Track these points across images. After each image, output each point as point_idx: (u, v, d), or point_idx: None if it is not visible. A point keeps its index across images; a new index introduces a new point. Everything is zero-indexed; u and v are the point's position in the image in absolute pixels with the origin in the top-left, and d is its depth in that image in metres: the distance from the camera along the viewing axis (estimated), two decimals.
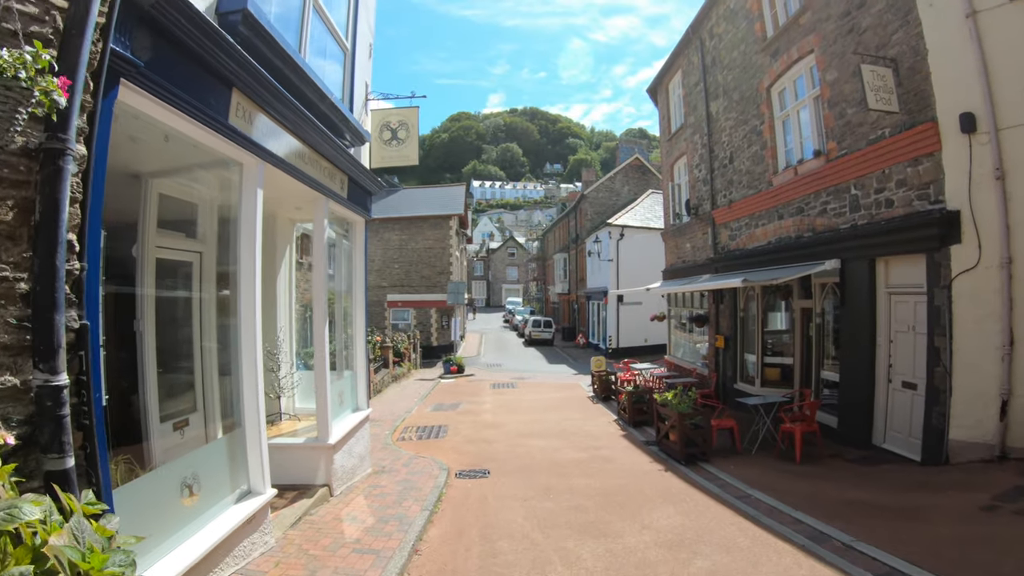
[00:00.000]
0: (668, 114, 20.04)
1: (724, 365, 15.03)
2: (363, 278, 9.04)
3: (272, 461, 7.25)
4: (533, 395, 17.96)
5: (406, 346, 24.91)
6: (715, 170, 15.65)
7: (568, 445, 10.69)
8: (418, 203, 36.84)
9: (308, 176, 6.61)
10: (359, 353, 8.92)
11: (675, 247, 19.27)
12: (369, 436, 8.92)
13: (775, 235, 12.51)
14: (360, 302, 8.99)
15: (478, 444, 11.00)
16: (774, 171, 12.59)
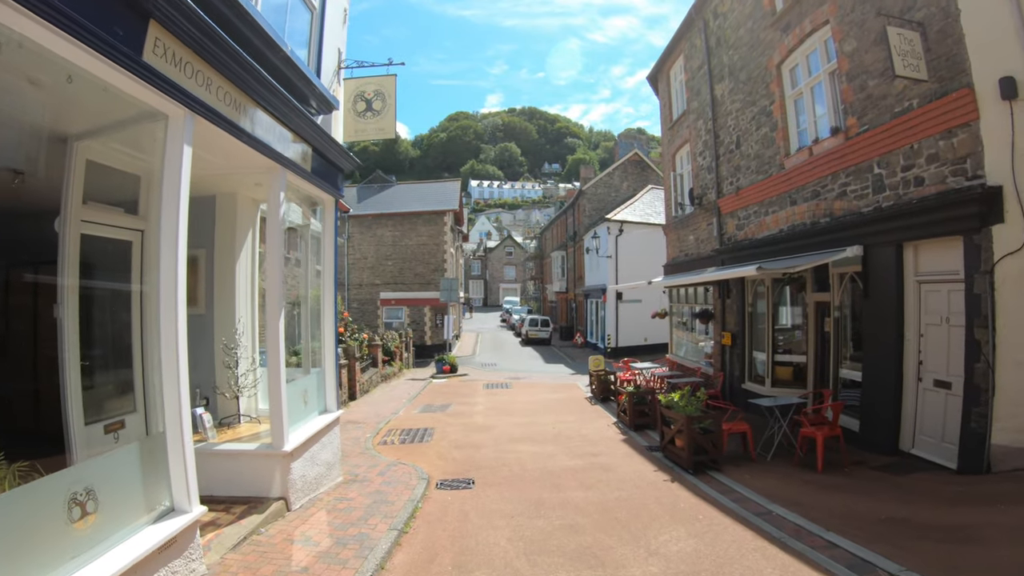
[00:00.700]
0: (669, 102, 19.17)
1: (731, 364, 14.10)
2: (333, 265, 8.12)
3: (220, 470, 6.33)
4: (528, 396, 17.02)
5: (397, 344, 23.95)
6: (720, 156, 14.75)
7: (563, 451, 9.75)
8: (412, 199, 35.92)
9: (258, 140, 5.68)
10: (328, 349, 7.99)
11: (677, 240, 18.36)
12: (339, 441, 7.98)
13: (788, 222, 11.60)
14: (329, 291, 8.06)
15: (465, 449, 10.06)
16: (786, 153, 11.70)
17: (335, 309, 8.08)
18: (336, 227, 8.25)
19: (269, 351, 6.27)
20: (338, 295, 25.34)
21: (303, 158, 6.84)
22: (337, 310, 8.24)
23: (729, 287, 14.22)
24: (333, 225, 8.11)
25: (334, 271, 8.10)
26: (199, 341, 7.81)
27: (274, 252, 6.33)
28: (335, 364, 7.98)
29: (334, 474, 7.71)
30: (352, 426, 12.56)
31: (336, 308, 8.16)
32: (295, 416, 6.87)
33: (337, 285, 8.37)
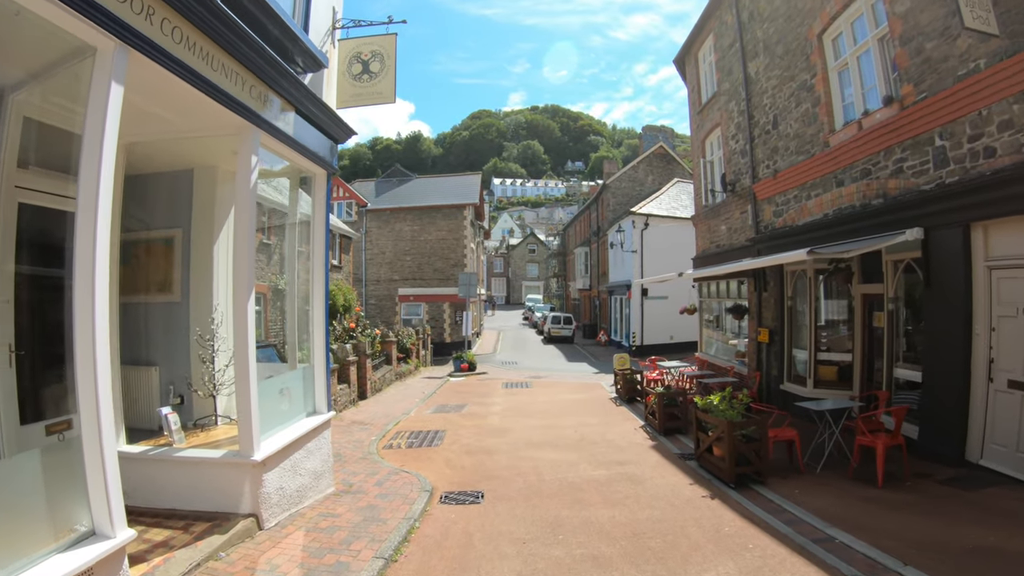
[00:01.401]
0: (698, 85, 18.02)
1: (768, 363, 12.92)
2: (324, 248, 7.20)
3: (183, 481, 5.40)
4: (548, 396, 15.98)
5: (413, 341, 23.07)
6: (755, 138, 13.58)
7: (585, 459, 8.71)
8: (431, 193, 35.07)
9: (220, 90, 4.76)
10: (317, 342, 7.06)
11: (708, 231, 17.17)
12: (330, 447, 7.04)
13: (834, 206, 10.43)
14: (320, 279, 7.14)
15: (477, 456, 9.07)
16: (830, 130, 10.54)
17: (326, 298, 7.15)
18: (328, 204, 7.31)
19: (236, 342, 5.35)
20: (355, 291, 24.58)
21: (283, 120, 5.91)
22: (329, 299, 7.31)
23: (766, 279, 13.06)
24: (324, 202, 7.18)
25: (325, 255, 7.17)
26: (173, 332, 6.96)
27: (243, 224, 5.40)
28: (326, 360, 7.05)
29: (323, 484, 6.77)
30: (357, 427, 11.66)
31: (327, 297, 7.23)
32: (272, 419, 5.95)
33: (329, 270, 7.44)
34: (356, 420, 12.52)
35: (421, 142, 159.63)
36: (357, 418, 12.79)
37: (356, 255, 32.15)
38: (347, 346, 14.60)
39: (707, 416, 7.79)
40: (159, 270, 7.27)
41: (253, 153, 5.50)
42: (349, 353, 14.46)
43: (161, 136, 5.84)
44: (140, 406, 6.68)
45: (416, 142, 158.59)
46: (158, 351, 7.03)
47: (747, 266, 11.08)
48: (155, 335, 7.10)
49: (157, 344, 7.06)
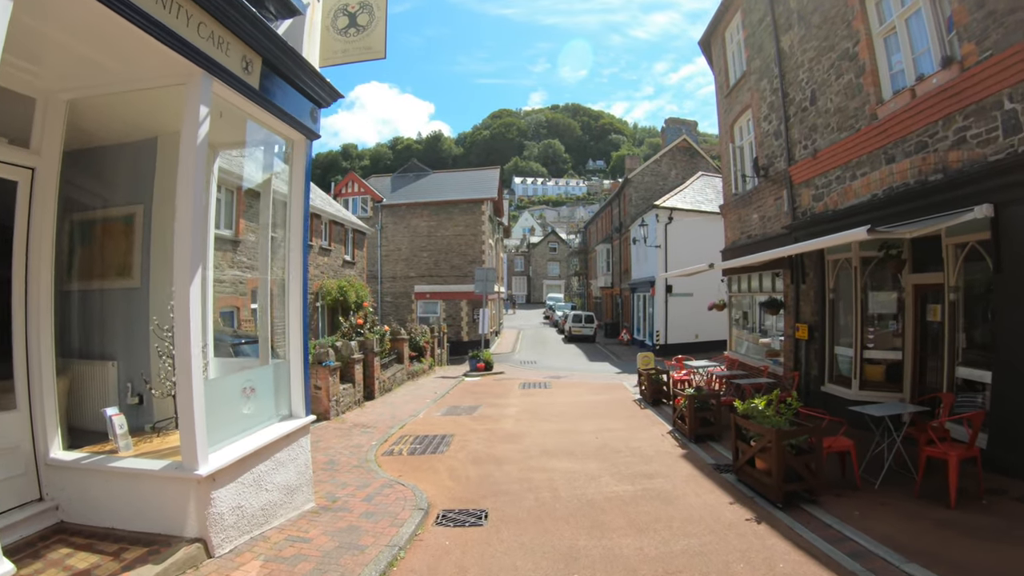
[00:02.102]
0: (725, 67, 16.88)
1: (807, 362, 11.75)
2: (302, 225, 6.24)
3: (122, 496, 4.44)
4: (568, 397, 14.93)
5: (427, 339, 22.16)
6: (790, 117, 12.43)
7: (608, 470, 7.66)
8: (448, 188, 34.17)
9: (159, 24, 3.84)
10: (294, 335, 6.11)
11: (738, 221, 15.99)
12: (308, 457, 6.08)
13: (883, 184, 9.28)
14: (297, 261, 6.19)
15: (484, 465, 8.07)
16: (878, 100, 9.40)
17: (304, 284, 6.20)
18: (308, 176, 6.35)
19: (177, 328, 4.42)
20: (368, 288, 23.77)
21: (247, 71, 4.97)
22: (307, 286, 6.36)
23: (805, 270, 11.91)
24: (303, 173, 6.23)
25: (303, 233, 6.21)
26: (133, 322, 6.06)
27: (187, 187, 4.46)
28: (304, 355, 6.09)
29: (299, 500, 5.82)
30: (359, 431, 10.74)
31: (306, 283, 6.28)
32: (229, 424, 5.02)
33: (308, 252, 6.49)
34: (359, 423, 11.61)
35: (441, 142, 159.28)
36: (361, 420, 11.87)
37: (371, 251, 31.38)
38: (352, 343, 13.70)
39: (748, 423, 6.70)
40: (118, 252, 6.38)
41: (202, 103, 4.55)
42: (354, 351, 13.56)
43: (105, 90, 4.93)
44: (94, 405, 5.79)
45: (436, 142, 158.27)
46: (116, 343, 6.14)
47: (789, 251, 9.91)
48: (113, 325, 6.22)
49: (115, 335, 6.18)
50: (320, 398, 11.88)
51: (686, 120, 39.84)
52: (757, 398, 6.71)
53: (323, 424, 11.34)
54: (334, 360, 12.15)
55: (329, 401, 11.88)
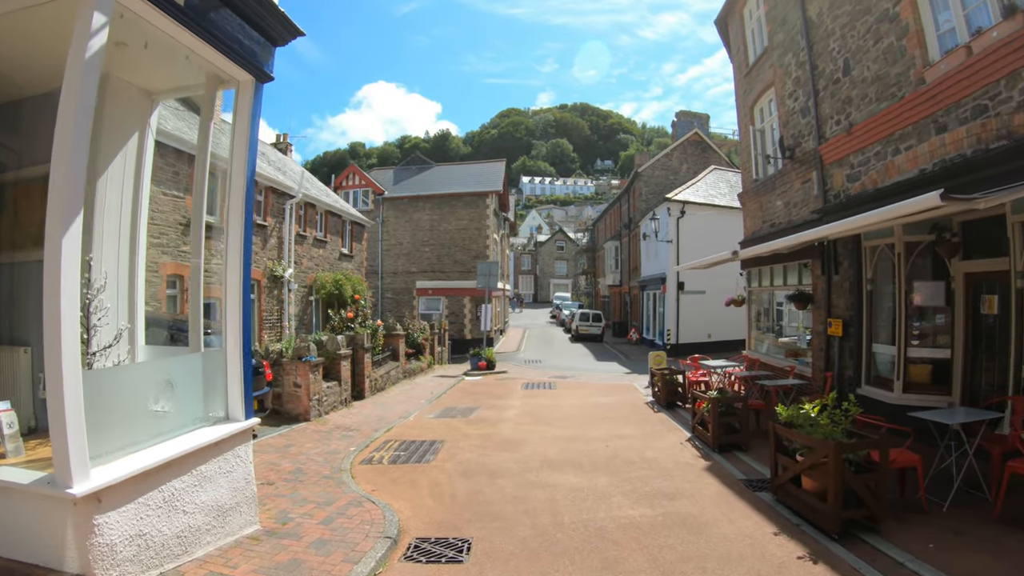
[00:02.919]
0: (743, 45, 15.67)
1: (841, 361, 10.53)
2: (245, 189, 5.08)
3: None
4: (574, 399, 13.72)
5: (426, 336, 20.99)
6: (820, 91, 11.21)
7: (620, 487, 6.45)
8: (452, 181, 33.00)
9: None
10: (232, 319, 4.93)
11: (759, 209, 14.73)
12: (250, 469, 4.92)
13: (933, 157, 8.06)
14: (237, 229, 5.03)
15: (475, 479, 6.89)
16: (924, 63, 8.20)
17: (246, 257, 5.04)
18: (255, 124, 5.19)
19: (46, 296, 3.27)
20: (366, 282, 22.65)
21: None
22: (249, 259, 5.18)
23: (838, 259, 10.68)
24: (249, 122, 5.06)
25: (246, 197, 5.05)
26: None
27: (70, 107, 3.32)
28: (243, 343, 4.91)
29: (236, 523, 4.66)
30: (339, 434, 9.60)
31: (248, 257, 5.12)
32: (132, 428, 3.88)
33: (252, 216, 5.32)
34: (342, 425, 10.46)
35: (449, 140, 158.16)
36: (344, 422, 10.72)
37: (372, 246, 30.26)
38: (339, 338, 12.55)
39: (794, 433, 5.49)
40: (37, 218, 5.26)
41: (97, 8, 3.41)
42: (341, 346, 12.41)
43: None
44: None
45: (444, 140, 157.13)
46: (30, 326, 5.05)
47: (831, 230, 8.52)
48: (25, 304, 5.13)
49: (28, 316, 5.08)
50: (299, 397, 10.75)
51: (698, 113, 38.55)
52: (808, 403, 5.48)
53: (301, 426, 10.20)
54: (316, 355, 11.00)
55: (310, 400, 10.74)
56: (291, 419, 10.64)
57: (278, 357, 11.13)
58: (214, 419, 4.70)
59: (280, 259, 17.37)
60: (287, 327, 17.44)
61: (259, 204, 16.47)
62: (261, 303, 16.54)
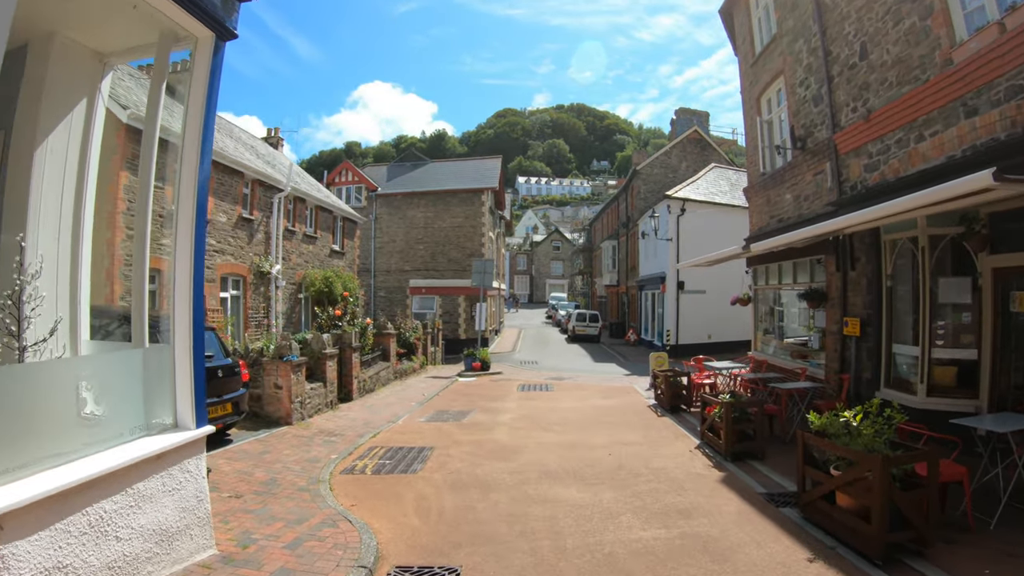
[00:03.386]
0: (749, 34, 15.08)
1: (858, 363, 9.91)
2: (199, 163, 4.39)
3: None
4: (573, 402, 13.05)
5: (418, 335, 20.31)
6: (834, 78, 10.61)
7: (629, 503, 5.79)
8: (447, 177, 32.32)
9: None
10: (180, 314, 4.24)
11: (766, 204, 14.10)
12: (201, 484, 4.23)
13: (963, 143, 7.45)
14: (188, 210, 4.34)
15: (466, 492, 6.21)
16: (951, 43, 7.61)
17: (198, 241, 4.35)
18: (214, 95, 4.52)
19: None
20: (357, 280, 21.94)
21: None
22: (202, 245, 4.47)
23: (854, 254, 10.07)
24: (206, 90, 4.39)
25: (200, 171, 4.36)
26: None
27: None
28: (193, 338, 4.22)
29: (185, 548, 3.98)
30: (321, 440, 8.93)
31: (202, 242, 4.43)
32: (47, 439, 3.19)
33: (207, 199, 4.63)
34: (326, 429, 9.78)
35: (445, 140, 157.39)
36: (328, 426, 10.04)
37: (364, 243, 29.57)
38: (324, 336, 11.85)
39: (827, 444, 4.84)
40: None
41: None
42: (327, 345, 11.71)
43: None
44: None
45: (440, 140, 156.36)
46: None
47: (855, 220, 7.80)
48: None
49: None
50: (280, 399, 10.05)
51: (697, 111, 38.05)
52: (847, 410, 4.83)
53: (281, 430, 9.51)
54: (298, 355, 10.31)
55: (291, 403, 10.04)
56: (271, 423, 9.95)
57: (258, 356, 10.43)
58: (160, 427, 4.02)
59: (267, 254, 16.67)
60: (274, 325, 16.75)
61: (246, 197, 15.80)
62: (247, 300, 15.85)
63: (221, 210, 14.51)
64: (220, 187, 14.46)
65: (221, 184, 14.51)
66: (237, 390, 8.74)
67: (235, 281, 15.57)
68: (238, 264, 15.31)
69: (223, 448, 8.14)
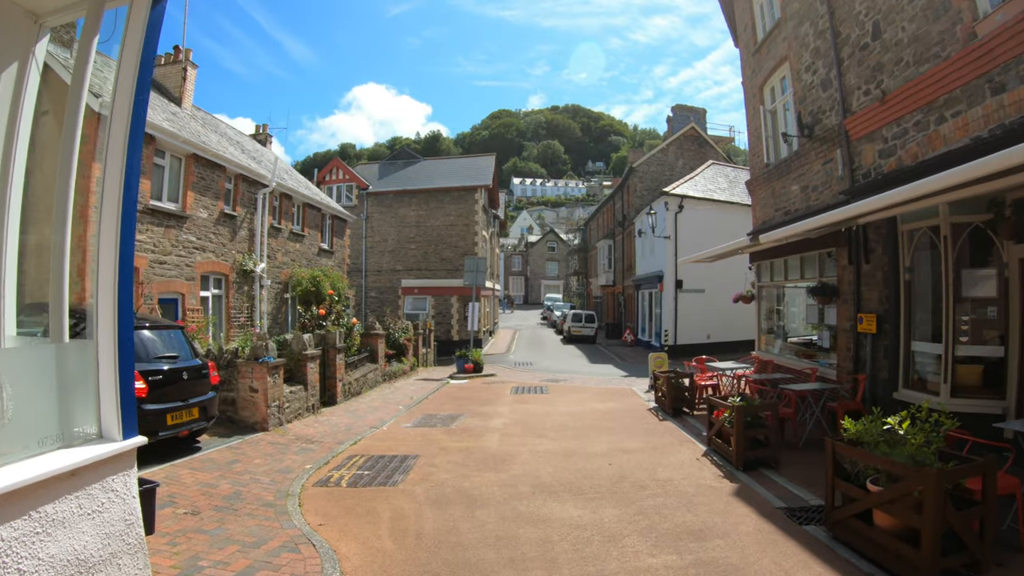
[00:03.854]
0: (751, 21, 14.53)
1: (873, 362, 9.30)
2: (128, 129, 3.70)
3: None
4: (569, 406, 12.39)
5: (409, 336, 19.62)
6: (844, 60, 10.04)
7: (634, 521, 5.12)
8: (439, 175, 31.63)
9: None
10: (105, 307, 3.56)
11: (770, 196, 13.50)
12: (131, 505, 3.54)
13: (989, 123, 6.86)
14: (115, 183, 3.64)
15: (450, 509, 5.54)
16: (973, 16, 7.04)
17: (125, 225, 3.65)
18: (149, 47, 3.82)
19: None
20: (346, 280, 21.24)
21: None
22: (132, 229, 3.76)
23: (868, 246, 9.47)
24: (139, 54, 3.70)
25: (130, 137, 3.68)
26: None
27: None
28: (117, 334, 3.53)
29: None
30: (298, 447, 8.25)
31: (133, 213, 3.73)
32: None
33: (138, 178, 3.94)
34: (303, 435, 9.10)
35: (440, 142, 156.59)
36: (307, 432, 9.37)
37: (355, 243, 28.87)
38: (305, 336, 11.16)
39: (864, 454, 4.20)
40: None
41: None
42: (308, 345, 11.02)
43: None
44: None
45: (435, 141, 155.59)
46: None
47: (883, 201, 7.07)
48: None
49: None
50: (256, 403, 9.37)
51: (694, 108, 37.30)
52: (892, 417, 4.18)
53: (256, 437, 8.84)
54: (274, 356, 9.62)
55: (268, 408, 9.36)
56: (246, 428, 9.28)
57: (232, 358, 9.75)
58: (83, 438, 3.34)
59: (251, 252, 15.99)
60: (259, 326, 16.06)
61: (228, 192, 15.14)
62: (229, 299, 15.16)
63: (202, 205, 13.83)
64: (201, 181, 13.80)
65: (202, 178, 13.85)
66: (205, 393, 8.06)
67: (217, 280, 14.90)
68: (220, 262, 14.63)
69: (189, 457, 7.47)
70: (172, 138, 12.37)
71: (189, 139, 13.03)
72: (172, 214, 12.74)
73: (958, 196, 6.92)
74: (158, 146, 12.17)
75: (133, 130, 3.67)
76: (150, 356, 7.59)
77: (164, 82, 16.52)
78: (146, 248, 11.90)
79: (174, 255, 12.88)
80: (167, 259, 12.62)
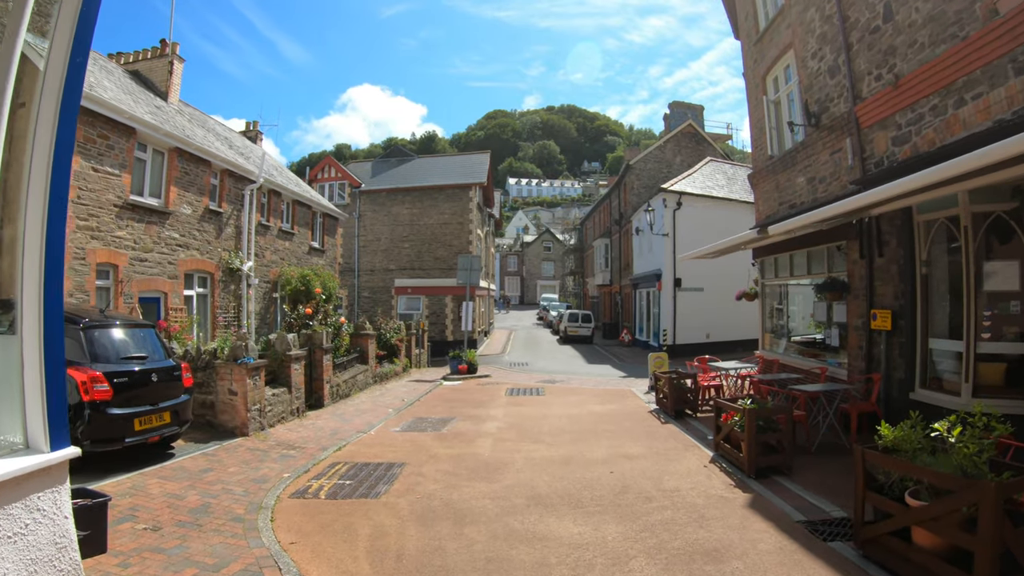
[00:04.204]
0: (752, 9, 14.08)
1: (888, 361, 8.82)
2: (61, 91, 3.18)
3: None
4: (566, 408, 11.88)
5: (401, 336, 19.09)
6: (853, 45, 9.58)
7: (640, 539, 4.61)
8: (433, 173, 31.10)
9: None
10: (29, 295, 3.04)
11: (775, 189, 13.02)
12: (65, 527, 3.02)
13: (1013, 105, 6.39)
14: (43, 158, 3.13)
15: (436, 526, 5.02)
16: None
17: (60, 187, 3.13)
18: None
19: None
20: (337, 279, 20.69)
21: None
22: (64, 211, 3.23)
23: (882, 238, 9.00)
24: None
25: (62, 91, 3.16)
26: None
27: None
28: (44, 329, 3.02)
29: None
30: (277, 453, 7.74)
31: (65, 188, 3.20)
32: None
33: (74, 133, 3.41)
34: (285, 441, 8.58)
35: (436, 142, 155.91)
36: (289, 437, 8.84)
37: (347, 241, 28.34)
38: (290, 336, 10.63)
39: (899, 463, 3.70)
40: None
41: None
42: (292, 346, 10.50)
43: None
44: None
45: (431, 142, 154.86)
46: None
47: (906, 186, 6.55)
48: None
49: None
50: (235, 407, 8.85)
51: (692, 104, 36.91)
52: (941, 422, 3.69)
53: (234, 442, 8.31)
54: (255, 357, 9.09)
55: (248, 411, 8.83)
56: (225, 433, 8.75)
57: (210, 358, 9.22)
58: (8, 448, 2.83)
59: (238, 250, 15.45)
60: (246, 326, 15.52)
61: (214, 188, 14.60)
62: (215, 299, 14.61)
63: (186, 201, 13.29)
64: (184, 176, 13.26)
65: (186, 173, 13.32)
66: (178, 397, 7.53)
67: (202, 278, 14.36)
68: (205, 260, 14.09)
69: (160, 465, 6.94)
70: (154, 131, 11.83)
71: (172, 132, 12.49)
72: (154, 210, 12.20)
73: (981, 182, 6.44)
74: (139, 139, 11.64)
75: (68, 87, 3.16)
76: (117, 356, 7.06)
77: (150, 76, 15.99)
78: (126, 245, 11.37)
79: (156, 252, 12.33)
80: (148, 256, 12.08)
